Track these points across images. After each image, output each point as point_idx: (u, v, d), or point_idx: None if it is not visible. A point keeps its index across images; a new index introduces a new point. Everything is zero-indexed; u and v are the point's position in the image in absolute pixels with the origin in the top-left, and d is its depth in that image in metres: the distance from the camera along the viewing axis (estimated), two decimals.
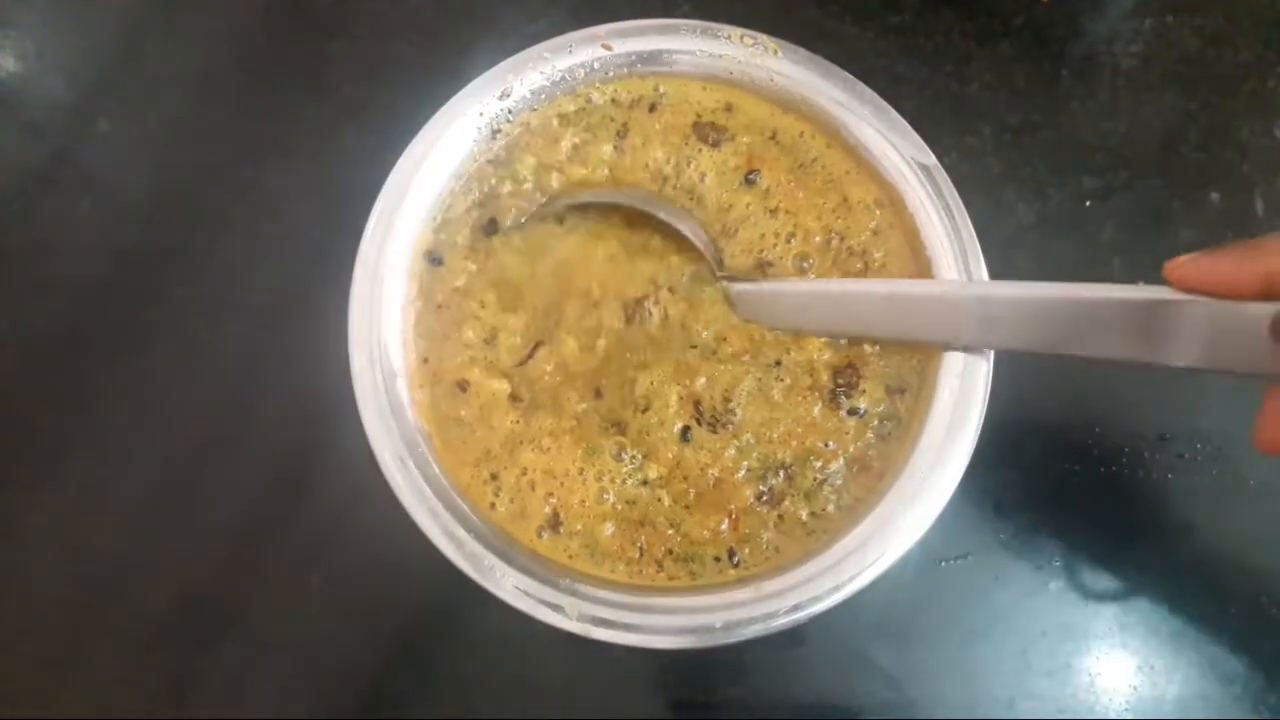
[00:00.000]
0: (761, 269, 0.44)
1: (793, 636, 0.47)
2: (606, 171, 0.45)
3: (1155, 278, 0.34)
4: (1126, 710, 0.47)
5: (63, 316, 0.52)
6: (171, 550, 0.48)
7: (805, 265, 0.44)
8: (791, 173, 0.45)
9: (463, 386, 0.43)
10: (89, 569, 0.48)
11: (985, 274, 0.43)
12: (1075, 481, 0.50)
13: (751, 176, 0.45)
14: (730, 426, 0.42)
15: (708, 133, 0.46)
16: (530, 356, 0.43)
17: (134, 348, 0.51)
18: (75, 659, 0.47)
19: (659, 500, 0.42)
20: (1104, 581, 0.48)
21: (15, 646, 0.47)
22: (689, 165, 0.45)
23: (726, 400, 0.42)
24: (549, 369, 0.43)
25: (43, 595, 0.48)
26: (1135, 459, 0.50)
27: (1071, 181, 0.54)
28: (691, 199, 0.45)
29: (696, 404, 0.42)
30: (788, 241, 0.44)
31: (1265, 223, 0.54)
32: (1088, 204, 0.54)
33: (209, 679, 0.47)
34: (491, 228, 0.45)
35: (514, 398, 0.43)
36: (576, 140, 0.46)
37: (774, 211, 0.45)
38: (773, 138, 0.46)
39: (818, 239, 0.44)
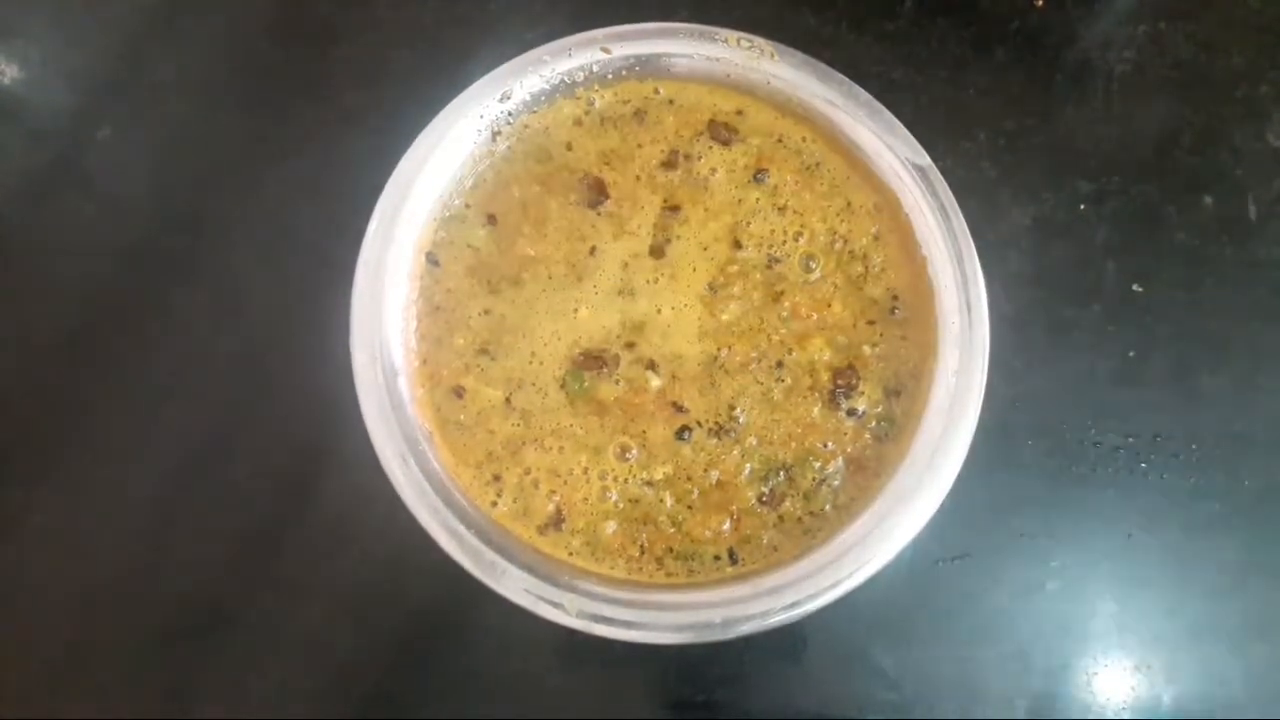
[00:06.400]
0: (770, 265, 0.44)
1: (792, 637, 0.47)
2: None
3: (1149, 280, 0.35)
4: (1124, 710, 0.47)
5: (65, 319, 0.52)
6: (172, 550, 0.48)
7: (811, 265, 0.45)
8: (799, 174, 0.46)
9: (459, 393, 0.43)
10: (89, 569, 0.48)
11: (980, 275, 0.43)
12: (1072, 482, 0.50)
13: (760, 175, 0.46)
14: (734, 433, 0.43)
15: (720, 131, 0.46)
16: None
17: (136, 349, 0.51)
18: (75, 659, 0.47)
19: (662, 500, 0.42)
20: (1101, 582, 0.49)
21: (15, 646, 0.47)
22: (700, 160, 0.46)
23: (731, 409, 0.43)
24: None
25: (43, 595, 0.48)
26: (1130, 459, 0.50)
27: (1066, 185, 0.55)
28: (704, 190, 0.45)
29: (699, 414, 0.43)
30: (795, 240, 0.45)
31: (1258, 226, 0.54)
32: (1082, 207, 0.54)
33: (209, 679, 0.47)
34: (490, 224, 0.45)
35: (509, 403, 0.43)
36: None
37: (782, 209, 0.45)
38: (780, 141, 0.46)
39: (822, 239, 0.45)
